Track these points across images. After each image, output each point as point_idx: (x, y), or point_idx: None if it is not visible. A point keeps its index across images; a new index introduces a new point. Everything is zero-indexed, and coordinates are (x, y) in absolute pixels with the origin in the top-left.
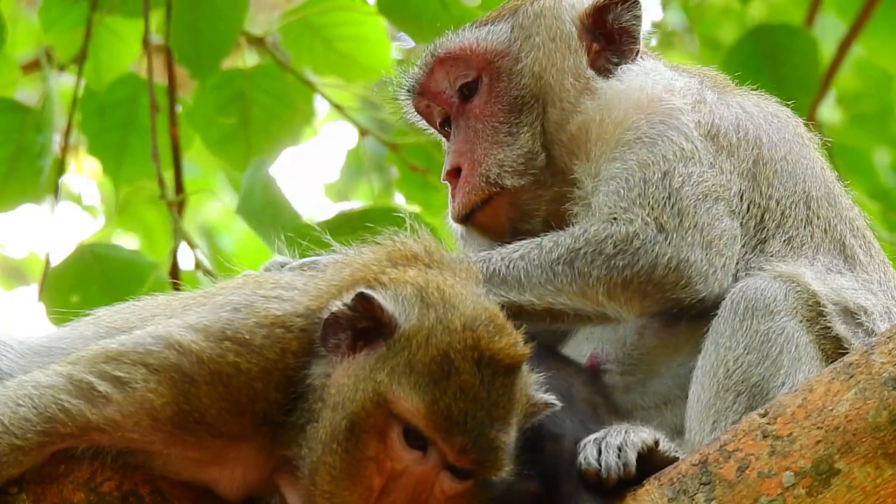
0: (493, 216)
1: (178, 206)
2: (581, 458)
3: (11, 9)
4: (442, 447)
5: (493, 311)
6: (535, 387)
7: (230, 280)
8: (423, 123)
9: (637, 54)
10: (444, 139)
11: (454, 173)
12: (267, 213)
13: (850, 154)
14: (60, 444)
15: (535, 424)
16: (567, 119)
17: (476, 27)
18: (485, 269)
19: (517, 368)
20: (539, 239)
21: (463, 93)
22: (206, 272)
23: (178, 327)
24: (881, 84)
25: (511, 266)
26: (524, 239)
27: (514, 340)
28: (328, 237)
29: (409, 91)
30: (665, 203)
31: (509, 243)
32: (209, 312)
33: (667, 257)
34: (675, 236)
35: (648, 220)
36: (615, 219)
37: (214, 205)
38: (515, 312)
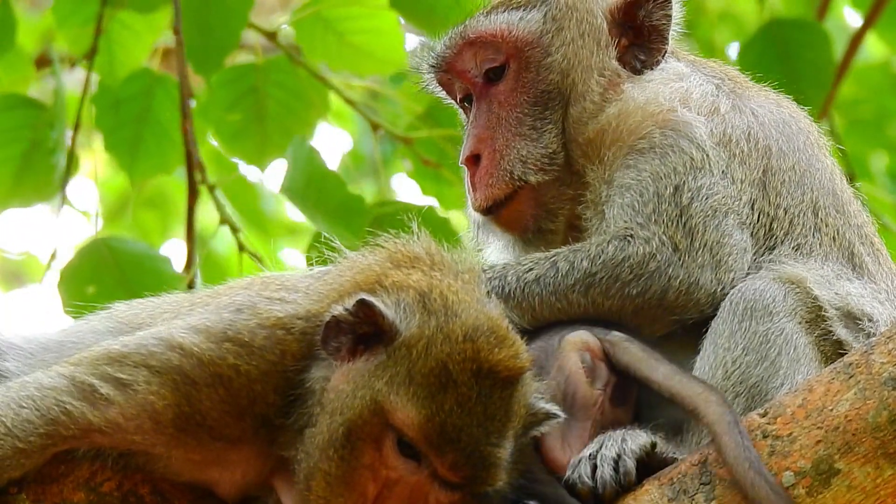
0: (518, 214)
1: (192, 197)
2: (575, 476)
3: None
4: (434, 461)
5: (495, 320)
6: (536, 396)
7: (238, 279)
8: (442, 94)
9: (664, 54)
10: (462, 113)
11: (473, 160)
12: (311, 188)
13: (847, 160)
14: (62, 445)
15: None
16: (587, 120)
17: (508, 11)
18: (500, 290)
19: (516, 380)
20: (554, 256)
21: (488, 76)
22: (253, 256)
23: (180, 329)
24: (880, 90)
25: (526, 291)
26: (546, 235)
27: (515, 352)
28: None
29: (433, 67)
30: (677, 221)
31: (529, 240)
32: (212, 313)
33: (678, 280)
34: (686, 257)
35: (664, 238)
36: (631, 237)
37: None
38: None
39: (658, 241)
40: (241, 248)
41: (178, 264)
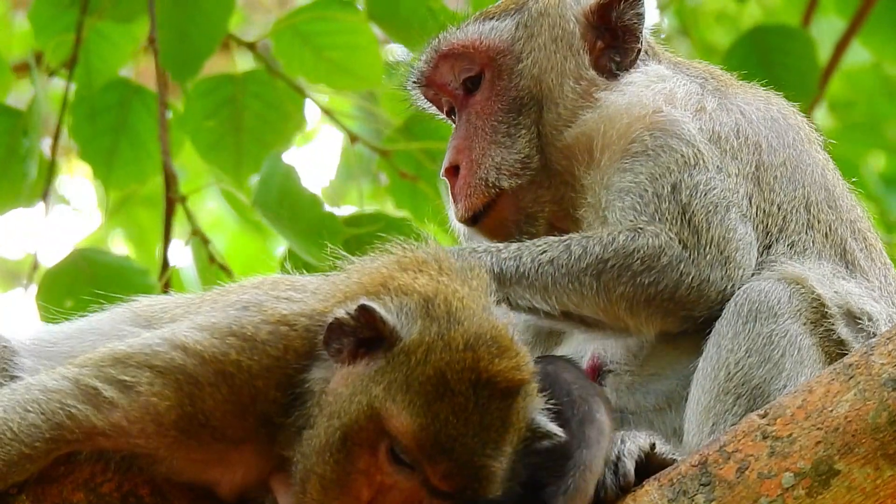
0: (501, 222)
1: (170, 208)
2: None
3: (4, 14)
4: (426, 470)
5: (498, 329)
6: (538, 411)
7: (248, 278)
8: (433, 110)
9: (638, 53)
10: (453, 125)
11: (453, 171)
12: (285, 204)
13: (841, 163)
14: (66, 449)
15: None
16: (565, 125)
17: (481, 21)
18: (514, 269)
19: (516, 391)
20: (567, 240)
21: (467, 86)
22: (221, 267)
23: (185, 327)
24: (873, 92)
25: (539, 271)
26: (530, 238)
27: (516, 363)
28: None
29: (416, 83)
30: (681, 219)
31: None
32: (219, 311)
33: (690, 277)
34: (696, 254)
35: (671, 234)
36: (641, 229)
37: (209, 206)
38: (533, 310)
39: (666, 237)
40: (212, 259)
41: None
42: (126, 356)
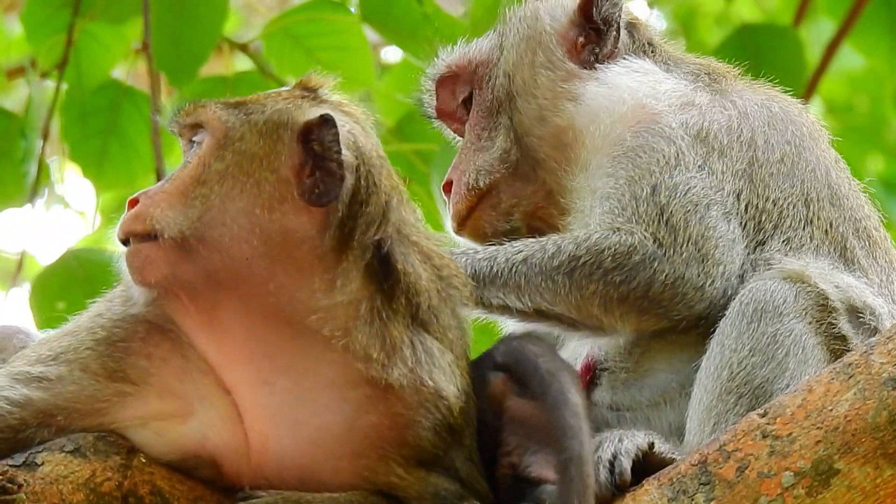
0: (478, 222)
1: None
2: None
3: None
4: None
5: None
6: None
7: None
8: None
9: (616, 41)
10: None
11: (448, 187)
12: None
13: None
14: (20, 430)
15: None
16: (550, 113)
17: (467, 43)
18: (488, 270)
19: None
20: (543, 240)
21: (466, 107)
22: None
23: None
24: (873, 94)
25: (513, 270)
26: (509, 236)
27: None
28: None
29: (431, 118)
30: (658, 219)
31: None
32: None
33: (664, 274)
34: (671, 252)
35: (646, 234)
36: (616, 229)
37: None
38: (507, 310)
39: (641, 236)
40: None
41: None
42: (46, 345)
